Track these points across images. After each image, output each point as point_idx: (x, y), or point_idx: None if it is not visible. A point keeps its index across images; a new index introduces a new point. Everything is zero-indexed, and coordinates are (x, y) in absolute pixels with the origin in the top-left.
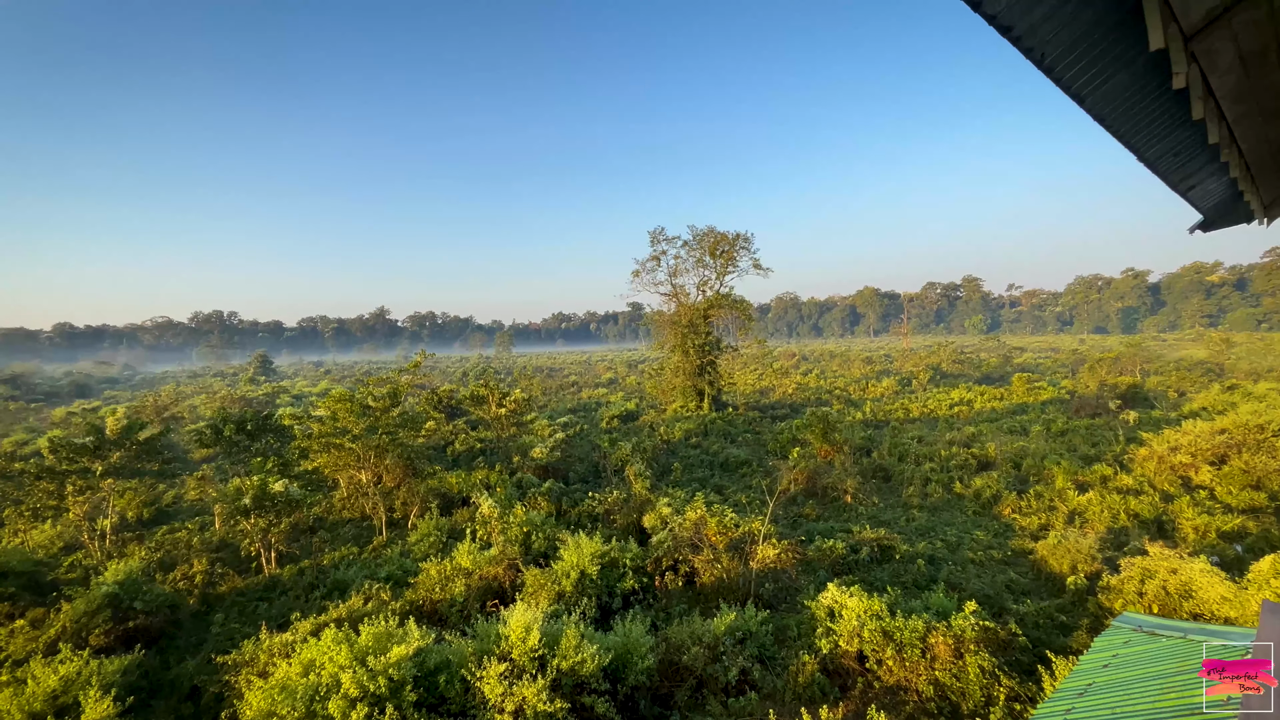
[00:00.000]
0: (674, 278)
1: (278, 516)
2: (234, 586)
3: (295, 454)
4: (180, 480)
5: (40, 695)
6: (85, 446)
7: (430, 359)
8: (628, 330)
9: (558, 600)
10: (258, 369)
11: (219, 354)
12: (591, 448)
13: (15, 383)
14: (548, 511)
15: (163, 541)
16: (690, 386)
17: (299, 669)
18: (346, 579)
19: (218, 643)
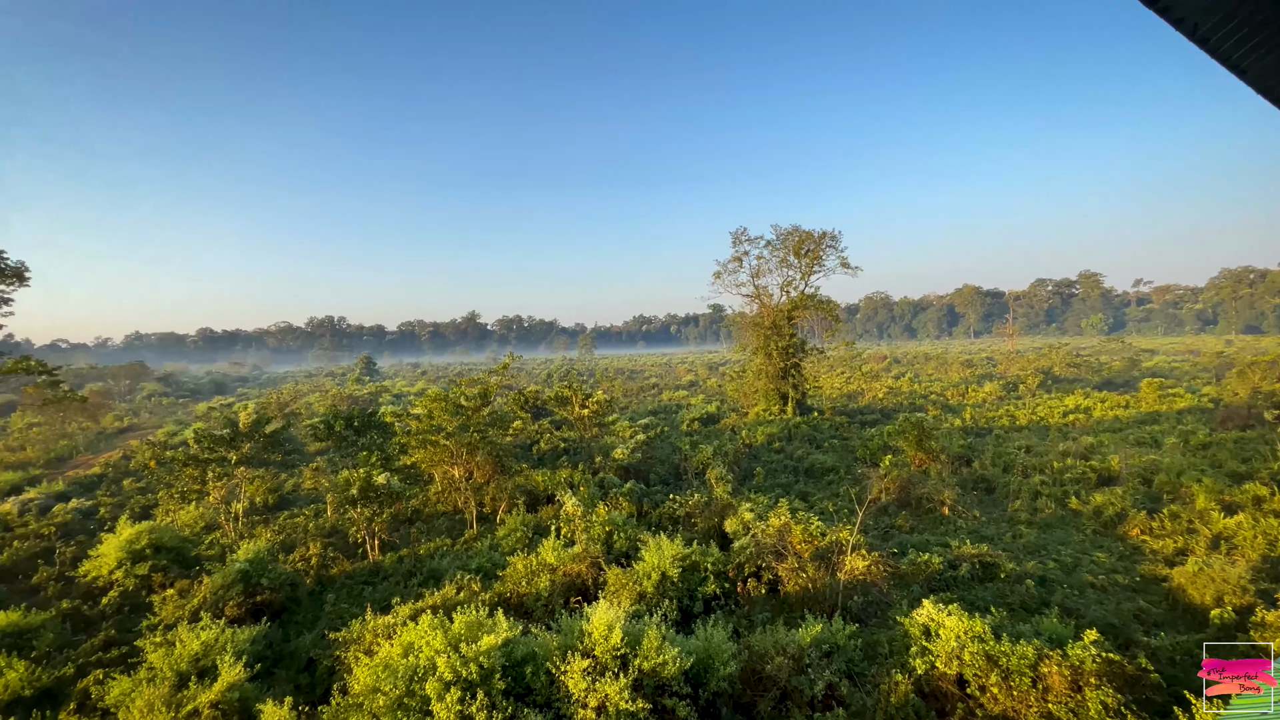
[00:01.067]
0: (756, 278)
1: (381, 507)
2: (343, 570)
3: (396, 449)
4: (299, 470)
5: (186, 657)
6: (223, 438)
7: (517, 361)
8: (708, 332)
9: (639, 600)
10: (363, 370)
11: (330, 356)
12: (672, 450)
13: (168, 381)
14: (629, 512)
15: (284, 525)
16: (773, 390)
17: (399, 650)
18: (441, 568)
19: (330, 620)
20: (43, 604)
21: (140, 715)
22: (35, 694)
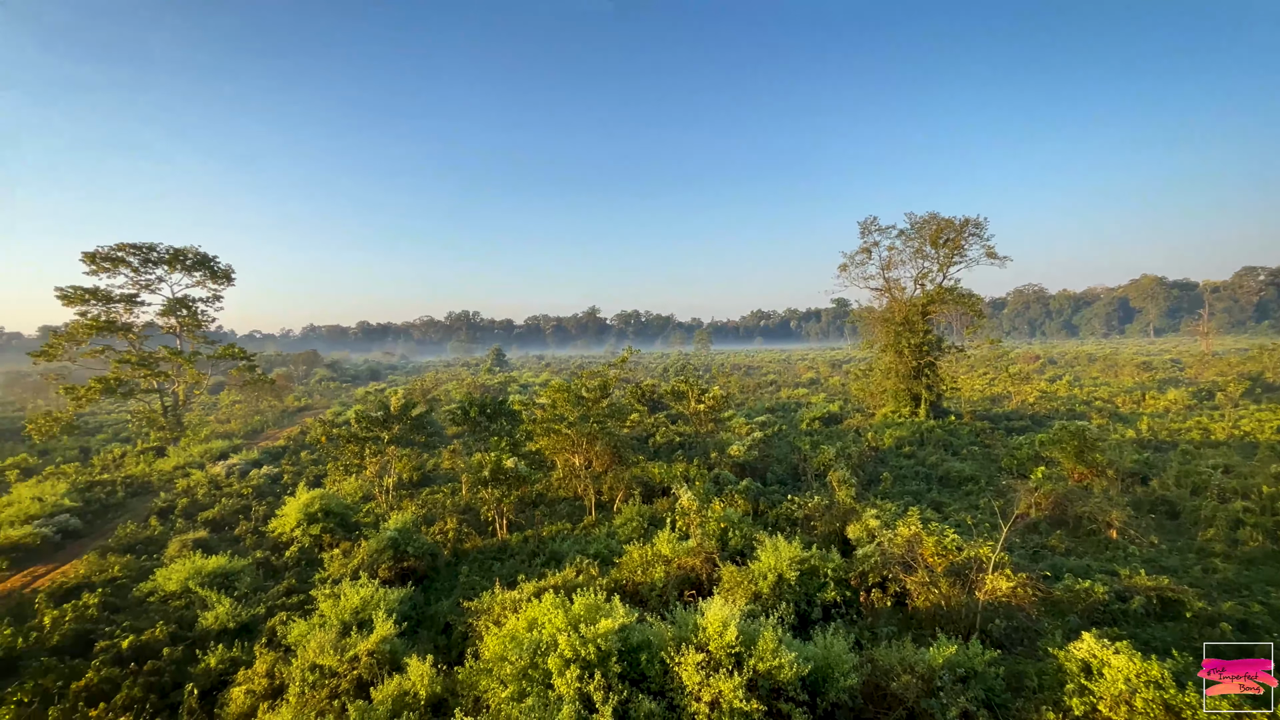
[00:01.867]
0: (887, 271)
1: (509, 489)
2: (475, 545)
3: (523, 436)
4: (438, 451)
5: (348, 609)
6: (377, 419)
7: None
8: (831, 328)
9: (754, 600)
10: (493, 361)
11: (465, 347)
12: (790, 449)
13: (334, 367)
14: (744, 510)
15: (426, 500)
16: (904, 390)
17: (524, 624)
18: (561, 551)
19: (464, 590)
20: (242, 552)
21: (314, 654)
22: (237, 626)
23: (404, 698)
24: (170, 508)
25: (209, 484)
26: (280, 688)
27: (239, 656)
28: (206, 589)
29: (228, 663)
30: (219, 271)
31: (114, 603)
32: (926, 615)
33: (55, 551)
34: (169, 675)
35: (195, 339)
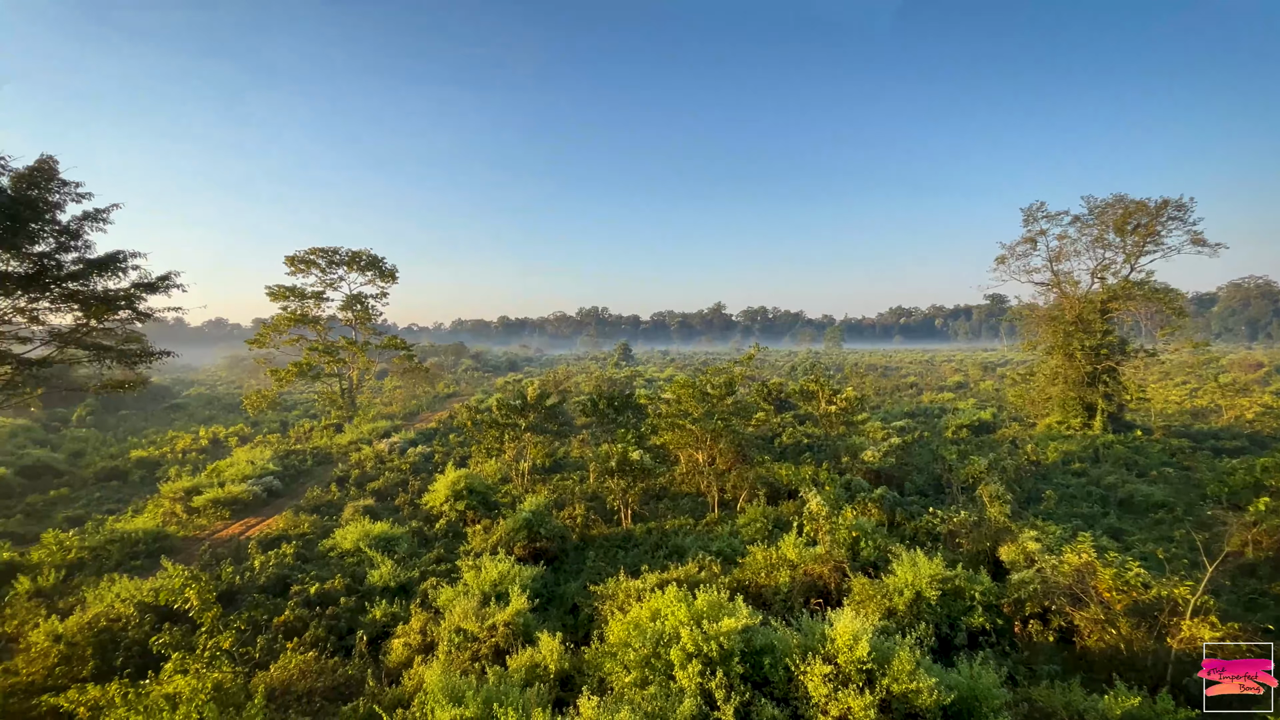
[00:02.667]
0: (1056, 263)
1: (634, 480)
2: (601, 532)
3: (648, 429)
4: (569, 440)
5: (488, 581)
6: (515, 407)
7: (761, 352)
8: (983, 327)
9: (887, 616)
10: (620, 355)
11: (594, 342)
12: (932, 458)
13: (478, 358)
14: (878, 520)
15: (557, 486)
16: (1074, 399)
17: (648, 614)
18: (684, 546)
19: (590, 574)
20: (401, 521)
21: (459, 618)
22: (397, 586)
23: (535, 669)
24: (346, 477)
25: (375, 459)
26: (431, 644)
27: (398, 612)
28: (373, 550)
29: (389, 617)
30: (386, 271)
31: (304, 554)
32: (1100, 658)
33: (262, 506)
34: (344, 621)
35: (366, 331)
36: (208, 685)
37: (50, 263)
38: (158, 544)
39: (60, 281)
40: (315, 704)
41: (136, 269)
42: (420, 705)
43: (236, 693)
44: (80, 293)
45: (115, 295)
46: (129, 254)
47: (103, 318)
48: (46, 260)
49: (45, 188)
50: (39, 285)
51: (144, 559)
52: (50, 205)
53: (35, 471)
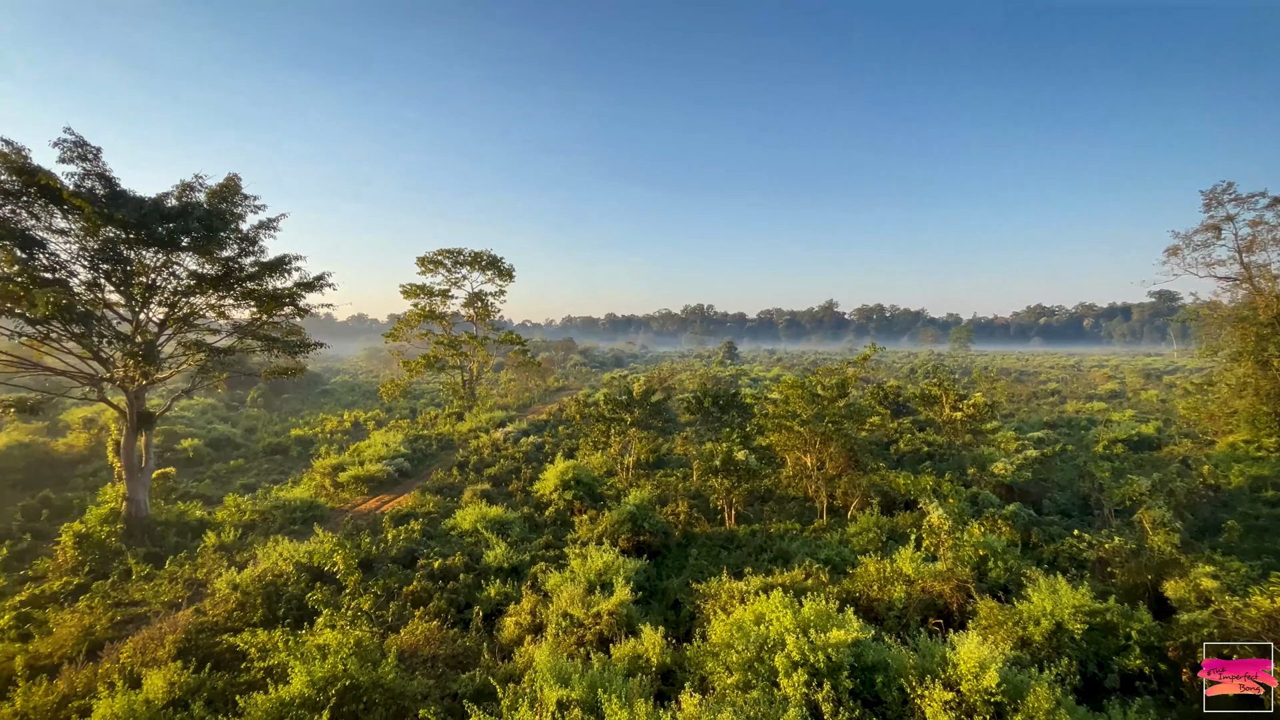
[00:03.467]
0: (1247, 253)
1: (738, 481)
2: (704, 530)
3: (754, 429)
4: (672, 437)
5: (593, 570)
6: (621, 402)
7: (877, 353)
8: (1145, 329)
9: (1020, 646)
10: (725, 353)
11: (699, 339)
12: (1078, 474)
13: (586, 354)
14: (1010, 539)
15: (660, 482)
16: (1268, 414)
17: (751, 617)
18: (790, 551)
19: (692, 571)
20: (513, 506)
21: (565, 603)
22: (509, 567)
23: (637, 660)
24: (466, 462)
25: (491, 446)
26: (540, 625)
27: (510, 592)
28: (489, 532)
29: (502, 596)
30: (504, 270)
31: (429, 531)
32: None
33: (394, 485)
34: (463, 595)
35: (486, 326)
36: (351, 641)
37: (234, 265)
38: (311, 512)
39: (241, 281)
40: (438, 669)
41: (298, 270)
42: (530, 682)
43: (373, 650)
44: (256, 291)
45: (282, 293)
46: (293, 257)
47: (272, 313)
48: (231, 263)
49: (231, 201)
50: (225, 285)
51: (300, 524)
52: (234, 216)
53: (219, 444)
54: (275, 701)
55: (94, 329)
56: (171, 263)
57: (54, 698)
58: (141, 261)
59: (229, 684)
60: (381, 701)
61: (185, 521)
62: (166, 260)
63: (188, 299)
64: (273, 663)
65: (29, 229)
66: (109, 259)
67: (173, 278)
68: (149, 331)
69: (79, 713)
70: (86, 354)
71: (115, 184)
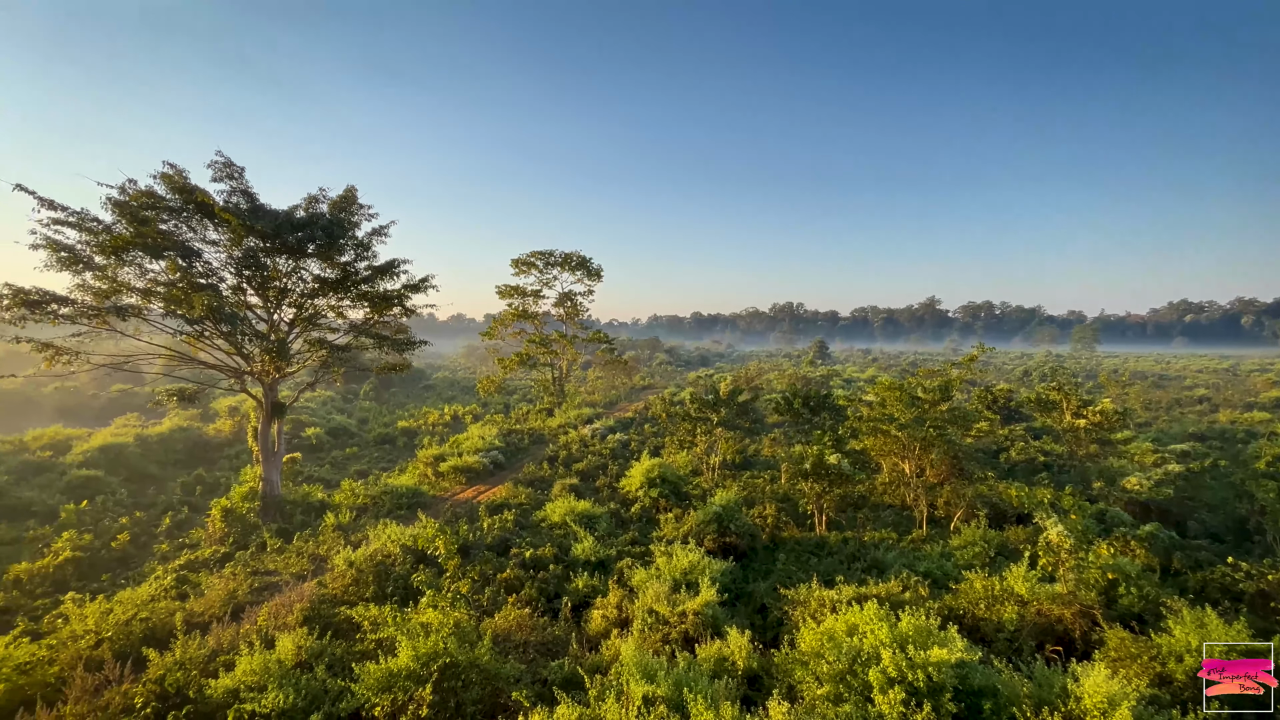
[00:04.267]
0: None
1: (830, 485)
2: (793, 535)
3: (846, 433)
4: (759, 438)
5: (678, 569)
6: (708, 402)
7: (985, 354)
8: None
9: (1159, 684)
10: (816, 353)
11: (788, 338)
12: (1234, 494)
13: (671, 353)
14: (1146, 563)
15: (747, 483)
16: None
17: (843, 627)
18: (885, 561)
19: (780, 576)
20: (600, 501)
21: (651, 599)
22: (596, 561)
23: (723, 662)
24: (555, 456)
25: (579, 442)
26: (626, 620)
27: (597, 585)
28: (577, 525)
29: (590, 588)
30: (592, 271)
31: (521, 521)
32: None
33: (489, 476)
34: (552, 586)
35: (574, 325)
36: (451, 621)
37: (351, 269)
38: (415, 499)
39: (357, 284)
40: (529, 655)
41: (405, 273)
42: (616, 675)
43: (471, 632)
44: (369, 293)
45: (391, 294)
46: (401, 261)
47: (382, 313)
48: (348, 267)
49: (349, 210)
50: (344, 287)
51: (405, 509)
52: (352, 224)
53: (337, 433)
54: (385, 672)
55: (238, 328)
56: (299, 268)
57: (205, 651)
58: (275, 267)
59: (346, 652)
60: (477, 681)
61: (309, 502)
62: (295, 266)
63: (312, 300)
64: (382, 636)
65: (188, 241)
66: (250, 265)
67: (300, 281)
68: (281, 330)
69: (225, 666)
70: (231, 350)
71: (255, 199)
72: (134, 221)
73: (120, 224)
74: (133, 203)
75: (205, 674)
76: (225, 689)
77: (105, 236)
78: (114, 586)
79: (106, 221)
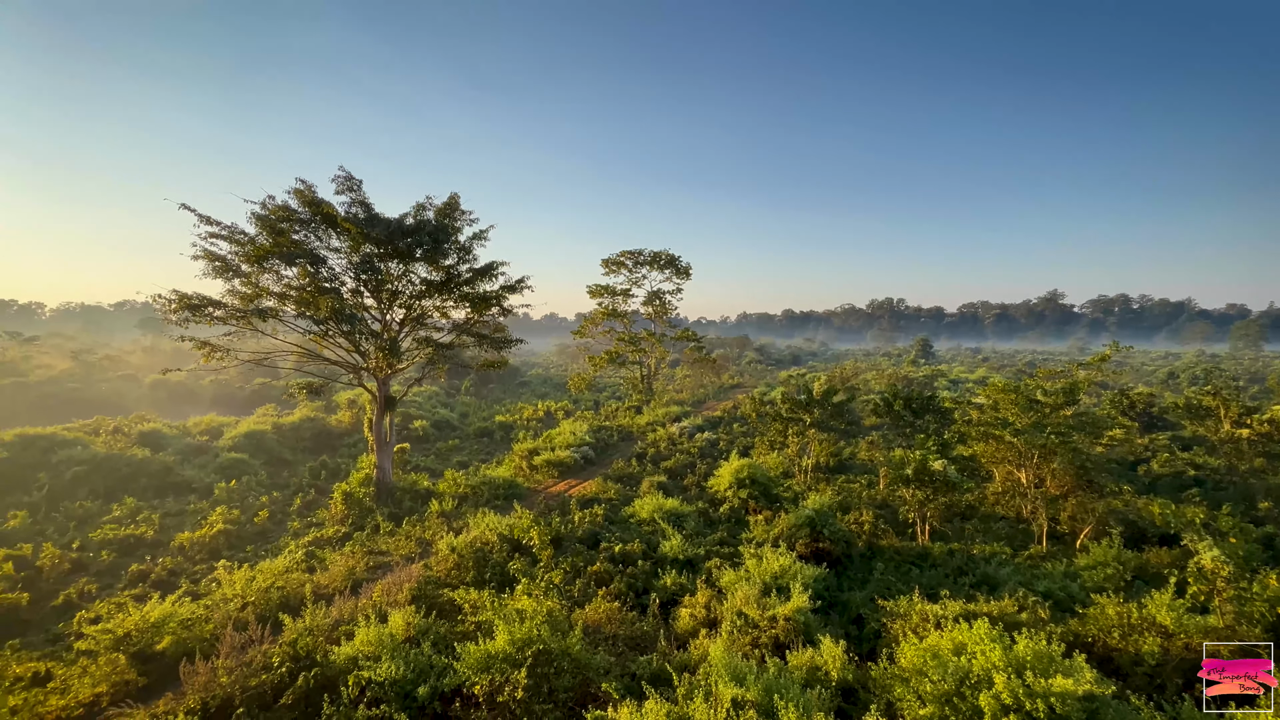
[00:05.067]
0: None
1: (934, 493)
2: (892, 544)
3: (953, 437)
4: (855, 441)
5: (768, 572)
6: (800, 402)
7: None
8: None
9: None
10: (919, 352)
11: (887, 336)
12: None
13: (761, 351)
14: None
15: (842, 487)
16: None
17: (949, 645)
18: (997, 577)
19: (878, 586)
20: (688, 500)
21: (740, 601)
22: (684, 559)
23: (816, 671)
24: (644, 454)
25: (667, 440)
26: (714, 620)
27: (685, 583)
28: (665, 523)
29: (677, 586)
30: (681, 269)
31: (610, 516)
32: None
33: (580, 471)
34: (641, 581)
35: (663, 324)
36: (544, 609)
37: (454, 271)
38: (511, 490)
39: (460, 285)
40: (618, 648)
41: (503, 274)
42: (705, 675)
43: (562, 621)
44: (470, 294)
45: (490, 295)
46: (499, 263)
47: (482, 312)
48: (452, 270)
49: (452, 216)
50: (447, 289)
51: (502, 500)
52: (455, 229)
53: (440, 426)
54: (483, 653)
55: (357, 327)
56: (409, 271)
57: (329, 621)
58: (388, 271)
59: (449, 631)
60: (569, 669)
61: (416, 489)
62: (405, 269)
63: (419, 301)
64: (481, 619)
65: (315, 249)
66: (366, 270)
67: (409, 284)
68: (393, 329)
69: (345, 635)
70: (350, 348)
71: (372, 208)
72: (272, 233)
73: (261, 235)
74: (271, 216)
75: (330, 641)
76: (346, 656)
77: (250, 247)
78: (256, 557)
79: (251, 234)
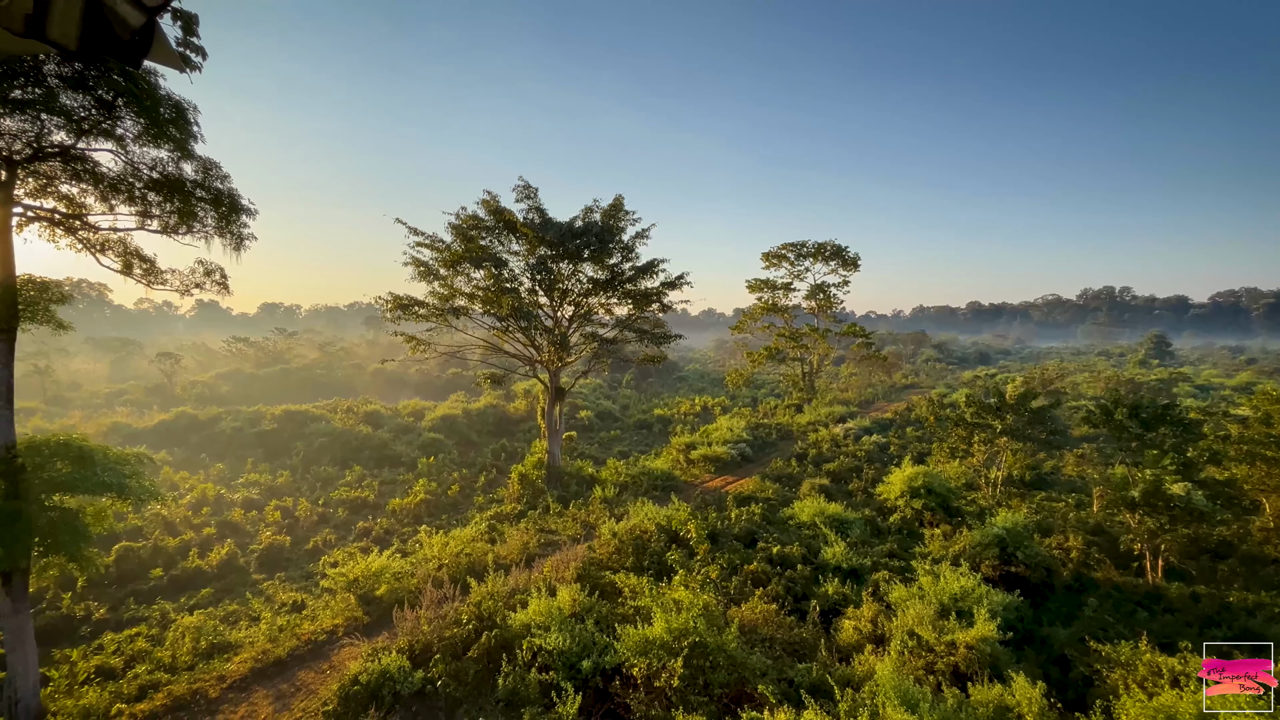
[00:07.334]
0: None
1: (1172, 523)
2: (1109, 577)
3: (1202, 456)
4: (1060, 453)
5: (947, 592)
6: (989, 406)
7: None
8: None
9: None
10: (1150, 350)
11: (1105, 332)
12: None
13: (941, 348)
14: None
15: (1041, 506)
16: None
17: (1192, 709)
18: (1267, 633)
19: (1089, 625)
20: (854, 506)
21: (912, 621)
22: (848, 569)
23: (1005, 712)
24: (804, 454)
25: (831, 441)
26: (881, 637)
27: (848, 594)
28: (827, 528)
29: (840, 596)
30: (848, 260)
31: (767, 516)
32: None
33: (736, 467)
34: (800, 586)
35: (827, 319)
36: (700, 603)
37: (618, 270)
38: (668, 482)
39: (623, 283)
40: (775, 651)
41: (663, 271)
42: (870, 694)
43: (718, 617)
44: (632, 291)
45: (651, 292)
46: (659, 260)
47: (643, 309)
48: (616, 269)
49: (616, 217)
50: (612, 287)
51: (659, 491)
52: (619, 230)
53: (603, 416)
54: (642, 637)
55: (532, 324)
56: (577, 271)
57: (507, 588)
58: (559, 271)
59: (609, 612)
60: (724, 665)
61: (581, 475)
62: (574, 269)
63: (586, 299)
64: (639, 604)
65: (498, 253)
66: (540, 270)
67: (578, 283)
68: (563, 325)
69: (520, 604)
70: (526, 342)
71: (545, 213)
72: (464, 240)
73: (456, 243)
74: (464, 225)
75: (507, 606)
76: (520, 623)
77: (446, 253)
78: (449, 525)
79: (447, 241)
